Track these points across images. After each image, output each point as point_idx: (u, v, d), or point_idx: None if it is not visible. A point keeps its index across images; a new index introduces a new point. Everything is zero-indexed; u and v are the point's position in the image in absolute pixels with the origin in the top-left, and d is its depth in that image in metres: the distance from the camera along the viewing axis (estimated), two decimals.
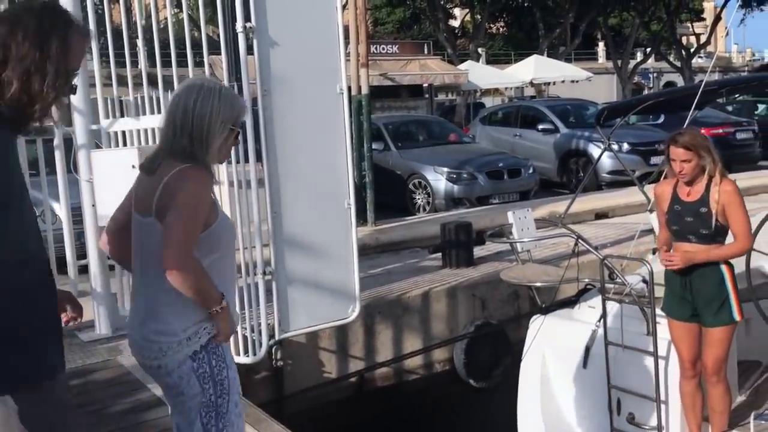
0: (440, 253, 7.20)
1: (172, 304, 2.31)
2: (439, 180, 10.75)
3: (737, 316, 3.68)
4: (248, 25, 4.40)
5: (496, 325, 6.34)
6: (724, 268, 3.67)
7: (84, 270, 5.55)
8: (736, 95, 17.18)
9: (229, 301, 2.43)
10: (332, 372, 5.77)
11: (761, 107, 16.58)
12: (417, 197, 11.10)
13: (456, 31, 37.21)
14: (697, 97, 4.52)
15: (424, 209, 10.91)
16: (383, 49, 21.70)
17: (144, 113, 5.13)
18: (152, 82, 5.14)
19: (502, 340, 6.40)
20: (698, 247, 3.65)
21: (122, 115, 5.39)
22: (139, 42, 5.21)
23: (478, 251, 7.44)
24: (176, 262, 2.19)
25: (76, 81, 2.17)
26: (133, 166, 4.83)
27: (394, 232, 8.36)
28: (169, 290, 2.26)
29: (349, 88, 8.53)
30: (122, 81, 5.25)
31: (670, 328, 3.91)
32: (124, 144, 5.26)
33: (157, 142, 2.45)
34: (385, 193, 10.52)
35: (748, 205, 3.75)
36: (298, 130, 4.58)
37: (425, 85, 21.49)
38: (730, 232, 3.70)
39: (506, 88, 26.24)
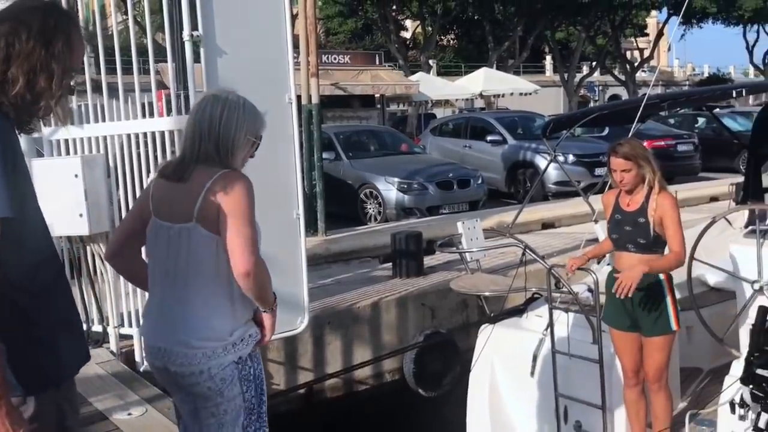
0: (391, 263, 7.21)
1: (219, 308, 2.33)
2: (390, 190, 10.79)
3: (674, 326, 3.76)
4: (195, 33, 4.36)
5: (446, 335, 6.37)
6: (662, 278, 3.75)
7: None
8: (678, 109, 17.73)
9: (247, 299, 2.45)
10: (281, 384, 5.71)
11: (701, 120, 17.11)
12: (368, 207, 11.11)
13: (407, 43, 37.48)
14: (640, 110, 4.64)
15: (375, 219, 10.93)
16: (335, 59, 21.72)
17: (88, 121, 5.03)
18: (97, 89, 5.04)
19: (451, 350, 6.43)
20: (637, 256, 3.73)
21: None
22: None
23: (429, 261, 7.48)
24: (252, 263, 2.24)
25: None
26: (76, 175, 4.75)
27: (345, 242, 8.34)
28: (215, 295, 2.31)
29: (300, 98, 8.54)
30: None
31: (612, 337, 3.98)
32: (67, 153, 5.13)
33: (179, 149, 2.51)
34: (336, 203, 10.51)
35: (688, 216, 3.85)
36: None
37: (377, 95, 21.59)
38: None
39: (456, 100, 26.55)
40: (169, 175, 2.41)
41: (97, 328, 5.14)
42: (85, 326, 5.13)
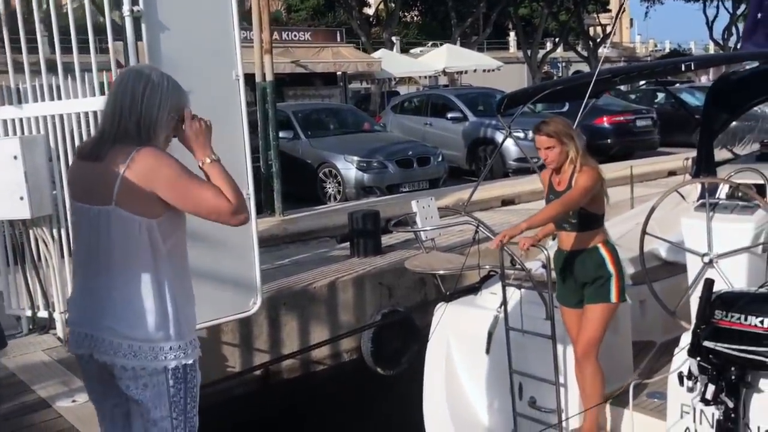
0: (348, 243, 7.14)
1: (145, 294, 2.21)
2: (349, 169, 10.70)
3: (614, 298, 3.76)
4: (136, 8, 4.21)
5: (403, 313, 6.34)
6: (603, 251, 3.76)
7: None
8: (640, 84, 17.85)
9: (186, 288, 2.35)
10: (236, 366, 5.63)
11: (660, 96, 17.25)
12: (327, 186, 11.01)
13: (371, 19, 37.15)
14: (591, 85, 4.60)
15: (335, 198, 10.84)
16: (295, 36, 21.40)
17: (27, 101, 4.84)
18: (49, 69, 4.86)
19: (409, 328, 6.40)
20: (573, 235, 3.74)
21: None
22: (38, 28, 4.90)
23: (387, 240, 7.42)
24: (230, 205, 2.21)
25: None
26: (15, 157, 4.58)
27: (303, 222, 8.25)
28: (140, 281, 2.21)
29: (254, 76, 8.38)
30: (18, 68, 4.94)
31: (561, 314, 3.98)
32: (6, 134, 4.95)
33: (98, 125, 2.40)
34: (295, 182, 10.39)
35: (646, 190, 3.83)
36: None
37: (339, 73, 21.36)
38: (601, 214, 3.80)
39: (420, 77, 26.42)
40: (86, 155, 2.30)
41: (43, 314, 5.00)
42: (29, 312, 4.99)
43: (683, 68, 4.71)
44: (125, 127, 2.24)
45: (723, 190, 4.88)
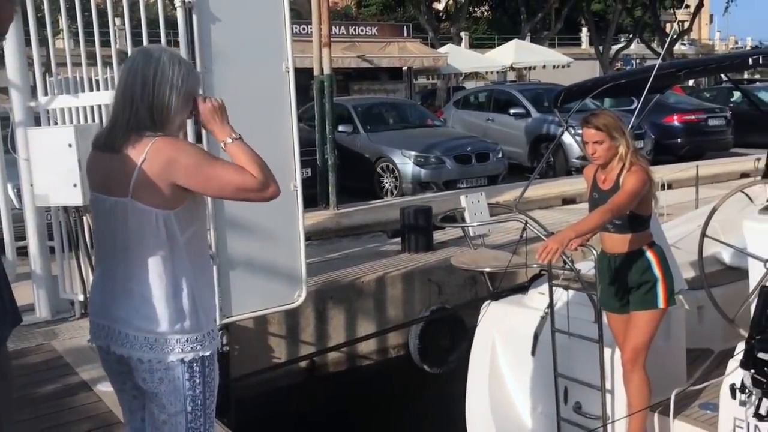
0: (399, 238, 7.08)
1: (160, 287, 2.17)
2: (406, 164, 10.62)
3: (662, 304, 3.57)
4: (187, 0, 4.24)
5: (451, 310, 6.24)
6: (649, 254, 3.58)
7: (24, 251, 5.38)
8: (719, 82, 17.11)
9: (205, 279, 2.33)
10: (281, 357, 5.65)
11: (736, 94, 16.53)
12: (385, 181, 10.97)
13: (440, 15, 36.91)
14: (651, 79, 4.40)
15: (392, 193, 10.79)
16: (362, 30, 21.44)
17: (83, 90, 4.96)
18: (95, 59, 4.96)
19: (457, 326, 6.29)
20: (618, 237, 3.56)
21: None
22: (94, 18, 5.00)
23: (440, 236, 7.33)
24: (257, 181, 2.16)
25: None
26: (70, 145, 4.69)
27: (356, 216, 8.23)
28: (156, 273, 2.17)
29: (313, 69, 8.41)
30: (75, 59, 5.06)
31: (607, 319, 3.82)
32: (63, 122, 5.08)
33: (110, 114, 2.32)
34: (353, 176, 10.40)
35: (714, 192, 3.64)
36: (240, 110, 4.32)
37: (404, 68, 21.30)
38: (647, 216, 3.61)
39: (488, 72, 26.09)
40: (101, 146, 2.25)
41: None
42: (82, 297, 5.11)
43: (750, 62, 4.45)
44: (138, 113, 2.17)
45: None
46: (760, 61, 4.24)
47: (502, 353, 4.84)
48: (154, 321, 2.17)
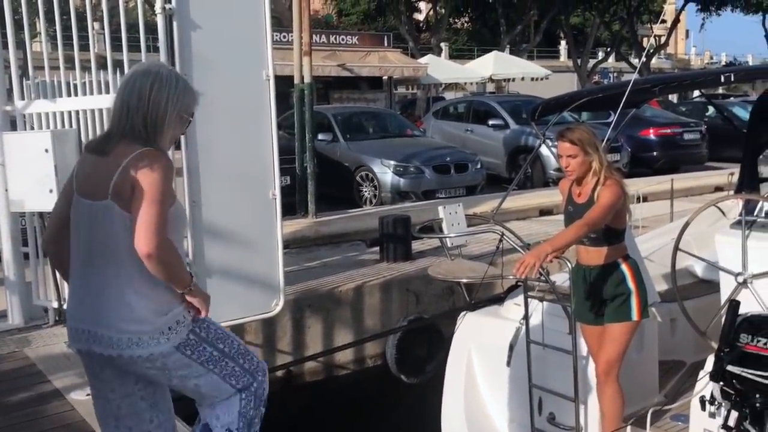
0: (378, 247, 7.09)
1: (139, 290, 2.26)
2: (385, 173, 10.66)
3: (635, 316, 3.61)
4: (168, 6, 4.24)
5: (428, 320, 6.25)
6: (624, 267, 3.62)
7: None
8: (694, 97, 17.35)
9: None
10: None
11: (711, 109, 16.79)
12: (364, 190, 10.99)
13: (420, 25, 37.08)
14: (626, 94, 4.47)
15: (371, 202, 10.81)
16: (342, 39, 21.48)
17: (60, 95, 4.93)
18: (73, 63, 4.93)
19: (435, 336, 6.29)
20: (593, 250, 3.61)
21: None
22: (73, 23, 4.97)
23: (418, 246, 7.35)
24: (155, 244, 2.16)
25: None
26: (46, 150, 4.66)
27: (335, 225, 8.24)
28: (133, 277, 2.23)
29: (293, 77, 8.42)
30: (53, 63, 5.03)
31: (582, 331, 3.86)
32: (41, 127, 5.04)
33: (107, 123, 2.46)
34: (332, 185, 10.41)
35: (688, 205, 3.69)
36: (220, 117, 4.43)
37: (384, 77, 21.37)
38: (622, 229, 3.65)
39: (467, 83, 26.25)
40: (92, 149, 2.34)
41: None
42: (56, 304, 5.06)
43: (722, 79, 4.54)
44: (132, 124, 2.27)
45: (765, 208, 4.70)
46: (732, 78, 4.32)
47: (478, 364, 4.87)
48: (132, 323, 2.25)
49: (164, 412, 2.50)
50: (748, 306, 3.56)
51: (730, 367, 3.11)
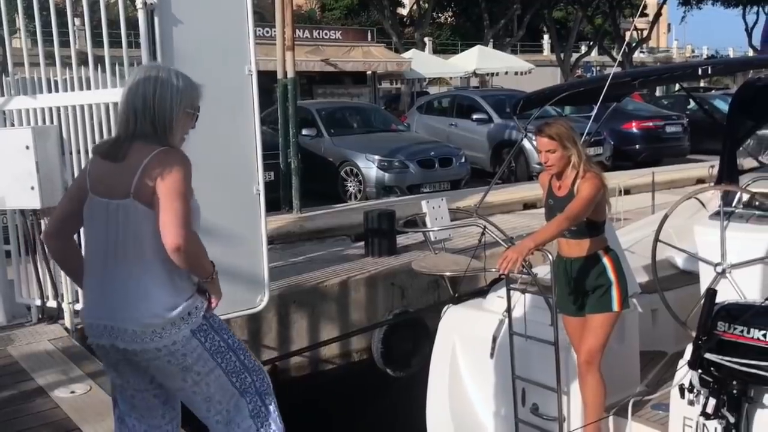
0: (363, 242, 7.11)
1: (160, 283, 2.33)
2: (370, 168, 10.68)
3: (616, 307, 3.66)
4: (149, 1, 4.23)
5: (413, 314, 6.29)
6: (604, 258, 3.67)
7: None
8: (676, 90, 17.45)
9: None
10: None
11: (693, 102, 16.93)
12: (349, 185, 11.00)
13: (404, 20, 37.07)
14: (605, 88, 4.50)
15: (356, 197, 10.83)
16: (326, 34, 21.44)
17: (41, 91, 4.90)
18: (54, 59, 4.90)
19: (420, 329, 6.34)
20: (574, 242, 3.65)
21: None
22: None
23: (403, 240, 7.38)
24: (183, 237, 2.24)
25: None
26: (27, 147, 4.63)
27: (320, 220, 8.25)
28: (155, 271, 2.31)
29: (276, 72, 8.41)
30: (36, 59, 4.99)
31: (564, 322, 3.91)
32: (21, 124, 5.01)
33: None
34: (316, 180, 10.41)
35: (670, 197, 3.73)
36: (203, 113, 4.32)
37: (368, 72, 21.36)
38: (602, 221, 3.69)
39: (451, 78, 26.29)
40: (104, 155, 2.40)
41: (51, 303, 5.05)
42: (39, 302, 5.05)
43: (700, 72, 4.59)
44: (141, 128, 2.34)
45: (743, 199, 4.76)
46: (709, 71, 4.37)
47: (462, 356, 4.90)
48: (155, 317, 2.32)
49: (176, 410, 2.62)
50: (727, 296, 3.62)
51: (708, 355, 3.17)
